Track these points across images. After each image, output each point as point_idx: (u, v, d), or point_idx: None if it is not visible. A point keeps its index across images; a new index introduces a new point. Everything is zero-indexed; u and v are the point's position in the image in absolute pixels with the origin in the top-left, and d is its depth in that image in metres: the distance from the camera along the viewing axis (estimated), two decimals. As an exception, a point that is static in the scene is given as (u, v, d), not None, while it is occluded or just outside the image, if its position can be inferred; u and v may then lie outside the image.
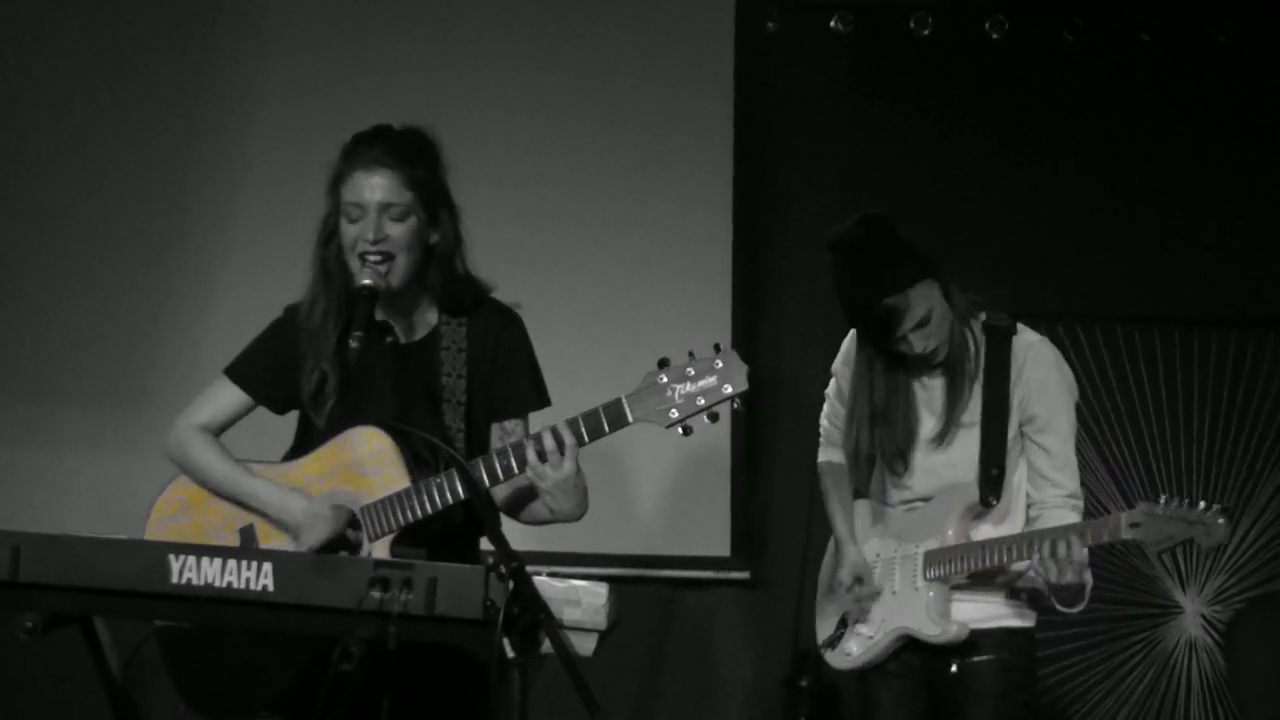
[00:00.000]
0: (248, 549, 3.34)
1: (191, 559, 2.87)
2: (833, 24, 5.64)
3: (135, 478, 3.78)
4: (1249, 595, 5.56)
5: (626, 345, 5.34)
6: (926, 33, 5.62)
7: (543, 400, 3.54)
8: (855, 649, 3.92)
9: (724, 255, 5.50)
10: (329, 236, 3.45)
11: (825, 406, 4.15)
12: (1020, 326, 3.84)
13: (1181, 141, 5.62)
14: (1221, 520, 3.42)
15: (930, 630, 3.78)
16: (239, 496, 3.43)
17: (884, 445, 3.85)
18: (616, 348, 5.34)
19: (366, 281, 3.33)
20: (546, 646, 2.76)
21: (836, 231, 3.81)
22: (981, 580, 3.78)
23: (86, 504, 5.20)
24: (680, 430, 3.20)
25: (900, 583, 3.84)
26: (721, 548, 5.52)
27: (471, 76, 5.51)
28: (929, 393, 3.85)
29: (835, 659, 3.99)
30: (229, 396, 3.55)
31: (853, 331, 3.96)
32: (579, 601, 2.80)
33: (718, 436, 5.43)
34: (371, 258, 3.35)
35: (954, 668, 3.80)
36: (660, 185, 5.52)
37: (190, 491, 3.50)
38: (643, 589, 5.45)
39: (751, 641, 5.59)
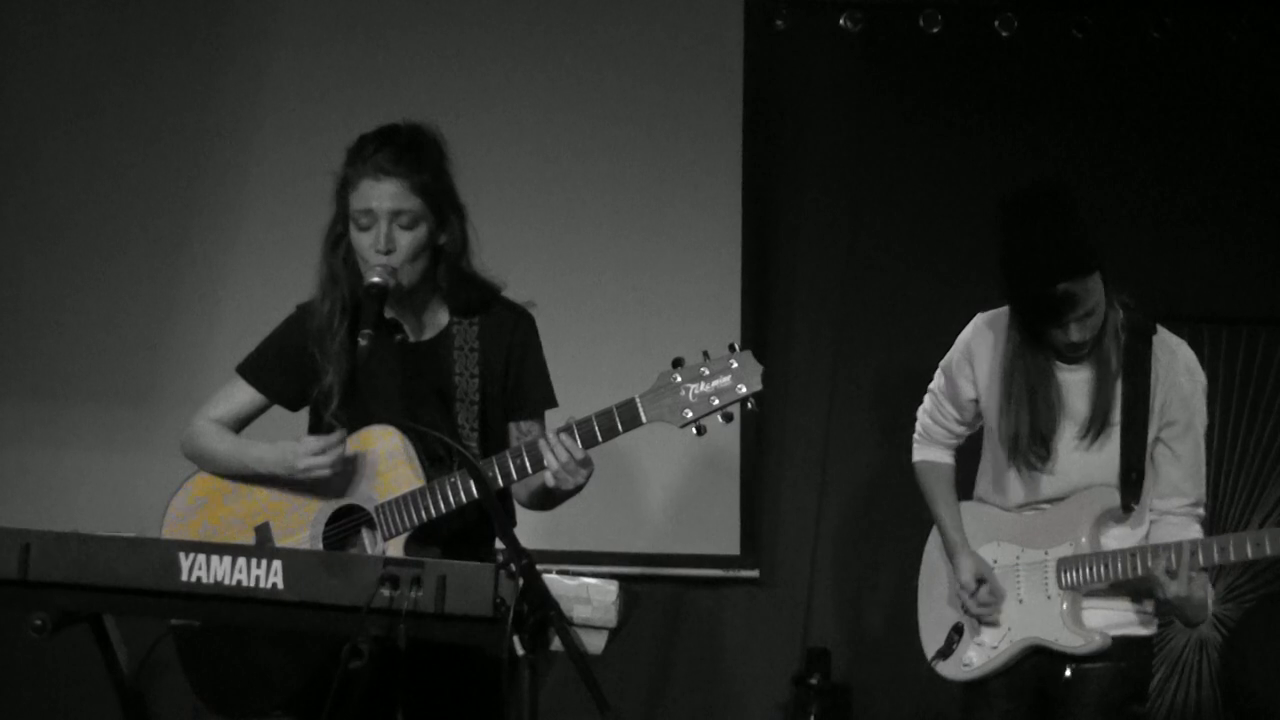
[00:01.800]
0: (259, 547, 3.34)
1: (201, 557, 2.86)
2: (842, 22, 5.63)
3: (144, 476, 3.80)
4: (1260, 594, 5.54)
5: (636, 345, 5.34)
6: (936, 30, 5.61)
7: (549, 402, 3.54)
8: (976, 659, 3.77)
9: (733, 253, 5.49)
10: (336, 241, 3.45)
11: (927, 402, 4.00)
12: (1159, 326, 3.72)
13: (1191, 139, 5.60)
14: None
15: (1072, 641, 3.64)
16: (246, 466, 3.44)
17: (1037, 443, 3.69)
18: (626, 348, 5.34)
19: (375, 280, 3.33)
20: (556, 644, 2.75)
21: (1018, 195, 3.63)
22: (1121, 590, 3.66)
23: (95, 502, 5.21)
24: (694, 430, 3.19)
25: (1027, 591, 3.70)
26: (731, 546, 5.52)
27: (480, 74, 5.50)
28: (1074, 385, 3.71)
29: (950, 669, 3.83)
30: (242, 394, 3.56)
31: (973, 323, 3.85)
32: (589, 599, 2.80)
33: (727, 436, 5.43)
34: (382, 264, 3.35)
35: (1068, 672, 3.67)
36: (669, 184, 5.51)
37: (207, 489, 3.51)
38: (652, 587, 5.45)
39: (761, 640, 5.59)
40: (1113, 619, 3.70)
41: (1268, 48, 5.58)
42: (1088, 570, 3.64)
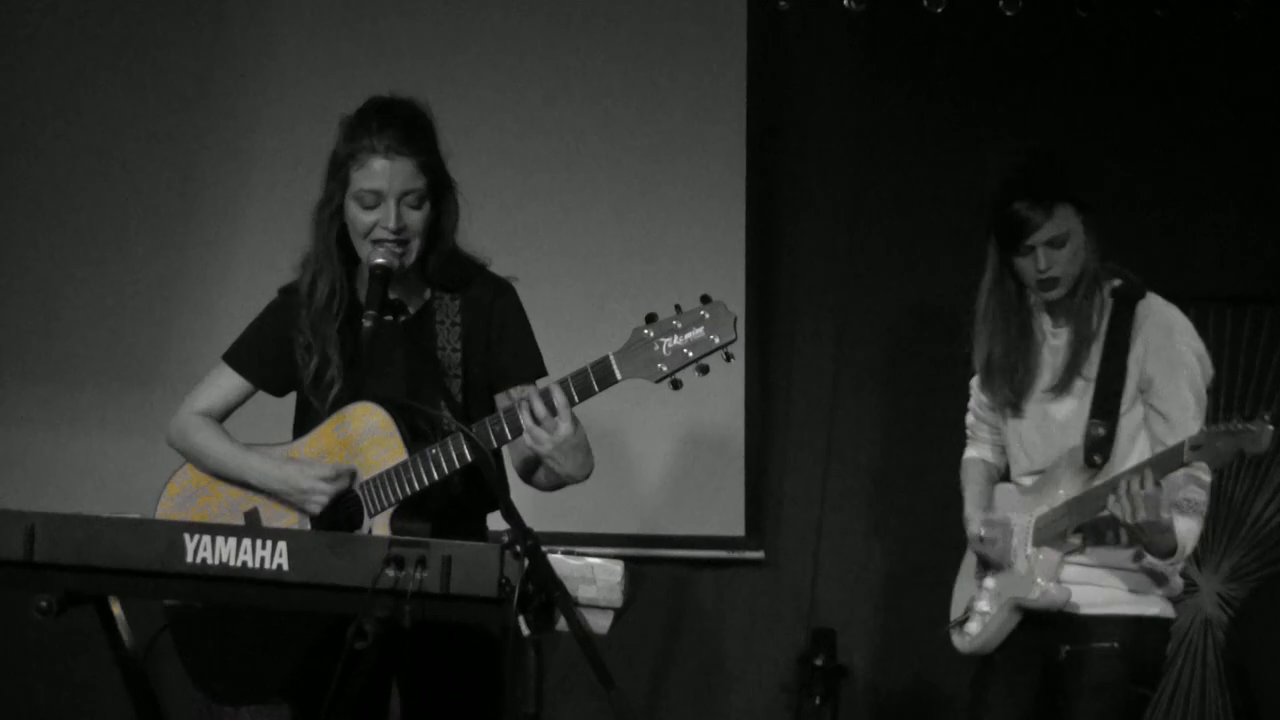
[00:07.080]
0: (264, 528, 3.33)
1: (206, 538, 2.87)
2: (845, 2, 5.62)
3: (148, 458, 3.78)
4: (1265, 573, 5.54)
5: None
6: (940, 10, 5.59)
7: (539, 370, 3.50)
8: (974, 628, 3.81)
9: (737, 234, 5.48)
10: (332, 218, 3.41)
11: (971, 400, 4.06)
12: (1150, 294, 3.75)
13: (1195, 118, 5.59)
14: (1269, 426, 3.33)
15: (1031, 593, 3.66)
16: (238, 474, 3.42)
17: (1006, 386, 3.80)
18: (630, 327, 5.31)
19: (380, 261, 3.31)
20: (562, 624, 2.75)
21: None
22: (1095, 540, 3.66)
23: (100, 484, 5.22)
24: (670, 385, 3.12)
25: (1016, 554, 3.73)
26: (736, 527, 5.52)
27: (482, 57, 5.49)
28: (1055, 347, 3.77)
29: (958, 640, 3.87)
30: (228, 382, 3.54)
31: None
32: (594, 579, 2.79)
33: (731, 416, 5.43)
34: (390, 244, 3.33)
35: (1064, 653, 3.68)
36: (674, 166, 5.50)
37: (197, 477, 3.49)
38: (657, 569, 5.46)
39: (765, 620, 5.59)
40: (1109, 596, 3.68)
41: (1273, 24, 5.56)
42: (1057, 524, 3.65)
